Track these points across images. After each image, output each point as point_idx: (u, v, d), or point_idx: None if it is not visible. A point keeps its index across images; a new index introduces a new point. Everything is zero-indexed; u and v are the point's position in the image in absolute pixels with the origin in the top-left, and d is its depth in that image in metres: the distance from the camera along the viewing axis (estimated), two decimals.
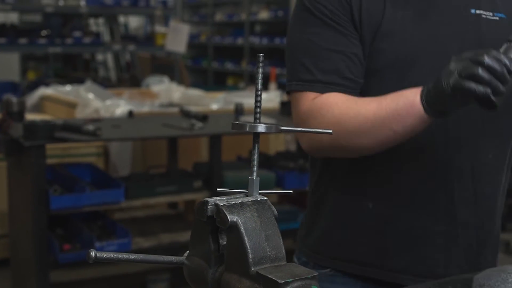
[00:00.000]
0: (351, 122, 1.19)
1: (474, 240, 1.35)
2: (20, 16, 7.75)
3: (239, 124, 1.10)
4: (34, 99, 4.59)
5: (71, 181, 3.17)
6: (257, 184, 1.11)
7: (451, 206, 1.30)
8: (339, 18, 1.23)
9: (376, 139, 1.18)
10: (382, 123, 1.16)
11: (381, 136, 1.17)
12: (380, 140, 1.18)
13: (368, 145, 1.19)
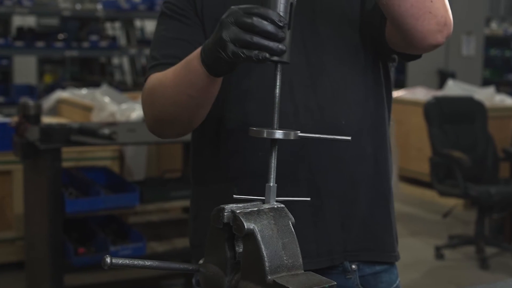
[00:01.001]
0: (158, 92, 1.27)
1: (337, 210, 1.32)
2: (38, 19, 7.80)
3: (256, 130, 1.09)
4: (51, 103, 4.60)
5: (86, 184, 3.17)
6: (274, 191, 1.09)
7: (310, 175, 1.30)
8: (186, 12, 1.35)
9: (178, 106, 1.24)
10: (178, 90, 1.22)
11: (181, 102, 1.23)
12: (182, 106, 1.24)
13: (176, 113, 1.26)
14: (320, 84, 1.31)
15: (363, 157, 1.34)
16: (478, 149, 4.59)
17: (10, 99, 6.08)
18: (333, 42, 1.31)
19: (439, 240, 4.54)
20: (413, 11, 1.17)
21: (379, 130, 1.37)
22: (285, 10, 1.05)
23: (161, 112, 1.28)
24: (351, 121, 1.32)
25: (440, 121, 4.55)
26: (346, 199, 1.33)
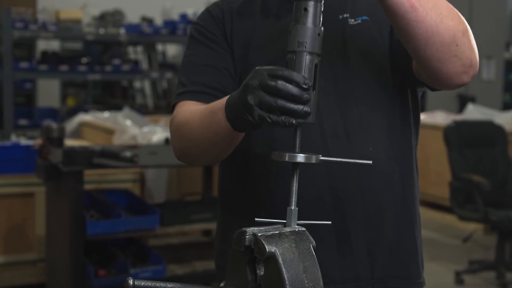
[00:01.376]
0: (185, 131, 1.29)
1: (364, 236, 1.31)
2: (62, 43, 7.93)
3: (278, 153, 1.10)
4: (73, 125, 4.66)
5: (108, 207, 3.20)
6: (295, 215, 1.10)
7: (336, 201, 1.30)
8: (215, 37, 1.37)
9: (204, 148, 1.27)
10: (203, 136, 1.24)
11: (206, 146, 1.26)
12: (208, 149, 1.26)
13: (201, 153, 1.29)
14: (348, 110, 1.32)
15: (390, 184, 1.34)
16: (498, 173, 4.56)
17: (33, 122, 6.17)
18: (361, 68, 1.32)
19: (459, 265, 4.50)
20: (439, 55, 1.18)
21: (406, 157, 1.37)
22: (309, 72, 1.06)
23: (187, 148, 1.31)
24: (378, 148, 1.32)
25: (460, 145, 4.53)
26: (372, 225, 1.33)
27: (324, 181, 1.30)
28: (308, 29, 1.06)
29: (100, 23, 6.14)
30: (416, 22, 1.15)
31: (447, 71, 1.20)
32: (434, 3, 1.16)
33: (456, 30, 1.17)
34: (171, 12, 6.78)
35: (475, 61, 1.21)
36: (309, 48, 1.06)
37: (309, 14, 1.06)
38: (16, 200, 3.63)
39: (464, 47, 1.18)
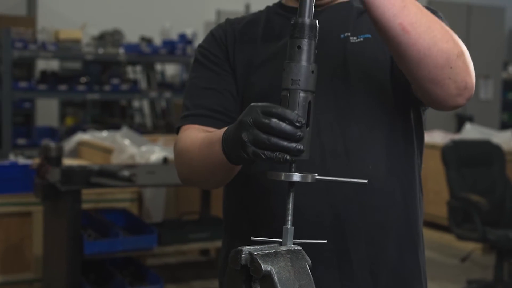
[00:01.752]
0: (186, 159, 1.32)
1: (366, 256, 1.31)
2: (61, 63, 7.96)
3: (274, 173, 1.11)
4: (72, 145, 4.67)
5: (105, 226, 3.20)
6: (291, 233, 1.11)
7: (335, 220, 1.29)
8: (218, 59, 1.40)
9: (204, 176, 1.29)
10: (202, 165, 1.27)
11: (206, 175, 1.28)
12: (207, 177, 1.29)
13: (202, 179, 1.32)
14: (348, 127, 1.32)
15: (392, 203, 1.33)
16: (496, 192, 4.56)
17: (32, 141, 6.18)
18: (362, 86, 1.32)
19: (457, 284, 4.48)
20: (431, 77, 1.17)
21: (408, 175, 1.37)
22: (303, 109, 1.07)
23: (189, 175, 1.34)
24: (378, 166, 1.32)
25: (458, 164, 4.54)
26: (374, 244, 1.32)
27: (324, 199, 1.30)
28: (302, 67, 1.07)
29: (99, 43, 6.17)
30: (408, 45, 1.15)
31: (441, 93, 1.19)
32: (428, 26, 1.15)
33: (450, 53, 1.16)
34: (170, 32, 6.82)
35: (471, 83, 1.20)
36: (303, 86, 1.07)
37: (302, 52, 1.07)
38: (13, 219, 3.63)
39: (459, 70, 1.17)
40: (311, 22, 1.07)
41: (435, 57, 1.15)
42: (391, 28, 1.14)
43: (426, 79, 1.18)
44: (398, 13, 1.13)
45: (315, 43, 1.08)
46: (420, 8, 1.16)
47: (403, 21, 1.13)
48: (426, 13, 1.16)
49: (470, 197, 4.24)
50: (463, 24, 9.11)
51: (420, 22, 1.14)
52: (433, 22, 1.16)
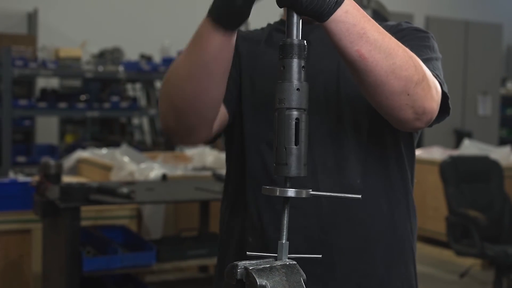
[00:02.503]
0: (172, 75, 1.26)
1: (352, 269, 1.32)
2: (61, 81, 8.00)
3: (269, 188, 1.13)
4: (71, 162, 4.69)
5: (104, 243, 3.21)
6: (286, 248, 1.12)
7: (322, 233, 1.31)
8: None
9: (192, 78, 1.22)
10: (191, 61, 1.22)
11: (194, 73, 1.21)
12: (196, 77, 1.22)
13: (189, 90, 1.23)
14: (339, 142, 1.34)
15: (379, 216, 1.35)
16: (494, 208, 4.57)
17: (31, 159, 6.19)
18: (353, 102, 1.34)
19: None
20: (388, 103, 1.19)
21: (397, 190, 1.38)
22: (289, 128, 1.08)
23: (175, 94, 1.26)
24: (367, 180, 1.34)
25: (456, 180, 4.55)
26: (361, 258, 1.34)
27: (311, 211, 1.32)
28: (286, 85, 1.08)
29: (99, 61, 6.21)
30: (365, 71, 1.15)
31: (398, 117, 1.21)
32: (388, 53, 1.15)
33: (409, 81, 1.16)
34: (169, 50, 6.86)
35: (430, 108, 1.20)
36: (287, 104, 1.08)
37: (286, 71, 1.09)
38: (12, 237, 3.63)
39: (417, 96, 1.18)
40: (298, 42, 1.09)
41: (392, 85, 1.16)
42: (348, 54, 1.15)
43: (384, 104, 1.19)
44: (355, 40, 1.13)
45: (301, 62, 1.09)
46: (383, 34, 1.16)
47: (360, 48, 1.13)
48: (388, 40, 1.16)
49: (468, 213, 4.25)
50: (461, 41, 9.16)
51: (379, 49, 1.14)
52: (394, 49, 1.16)
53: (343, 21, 1.12)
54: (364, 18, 1.15)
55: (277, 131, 1.10)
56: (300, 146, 1.08)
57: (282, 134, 1.09)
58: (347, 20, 1.12)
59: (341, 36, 1.13)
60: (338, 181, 1.32)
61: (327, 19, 1.12)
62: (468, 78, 8.89)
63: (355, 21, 1.13)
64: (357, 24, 1.13)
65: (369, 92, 1.19)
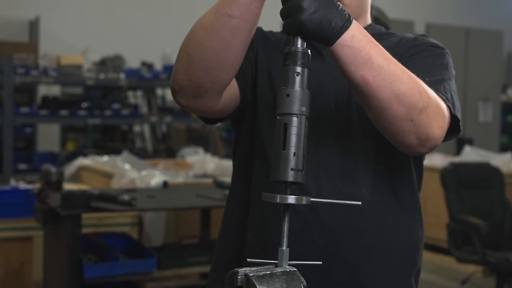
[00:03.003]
0: (195, 29, 1.23)
1: (349, 278, 1.32)
2: (62, 88, 8.02)
3: (269, 195, 1.13)
4: (72, 169, 4.69)
5: (105, 250, 3.21)
6: (286, 255, 1.13)
7: (320, 239, 1.32)
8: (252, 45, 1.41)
9: (215, 31, 1.19)
10: (217, 13, 1.18)
11: (219, 26, 1.18)
12: (220, 31, 1.18)
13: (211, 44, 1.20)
14: (345, 149, 1.34)
15: (383, 227, 1.35)
16: (495, 215, 4.57)
17: (33, 166, 6.19)
18: (362, 111, 1.34)
19: None
20: (392, 128, 1.19)
21: (403, 202, 1.38)
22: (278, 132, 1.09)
23: (193, 44, 1.22)
24: (371, 190, 1.34)
25: (457, 187, 4.55)
26: (361, 267, 1.33)
27: (310, 218, 1.33)
28: (279, 92, 1.11)
29: (100, 68, 6.22)
30: (369, 96, 1.16)
31: (402, 142, 1.22)
32: (392, 79, 1.16)
33: (412, 107, 1.17)
34: (170, 57, 6.88)
35: (434, 134, 1.21)
36: (279, 110, 1.11)
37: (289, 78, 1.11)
38: (14, 244, 3.63)
39: (421, 123, 1.18)
40: (293, 50, 1.11)
41: (396, 110, 1.16)
42: (353, 79, 1.16)
43: (387, 128, 1.20)
44: (360, 65, 1.14)
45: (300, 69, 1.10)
46: (388, 60, 1.17)
47: (365, 73, 1.14)
48: (393, 66, 1.17)
49: (469, 220, 4.25)
50: (461, 48, 9.17)
51: (384, 75, 1.15)
52: (399, 76, 1.16)
53: (349, 45, 1.13)
54: (370, 43, 1.16)
55: (276, 137, 1.11)
56: (288, 150, 1.09)
57: (274, 140, 1.10)
58: (353, 45, 1.13)
59: (346, 61, 1.14)
60: (342, 189, 1.33)
61: (333, 43, 1.13)
62: (469, 85, 8.90)
63: (360, 46, 1.14)
64: (362, 49, 1.14)
65: (373, 116, 1.20)
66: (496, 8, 11.46)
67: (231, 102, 1.36)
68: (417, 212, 1.41)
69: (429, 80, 1.26)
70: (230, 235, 1.46)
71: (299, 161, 1.09)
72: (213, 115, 1.37)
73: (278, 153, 1.08)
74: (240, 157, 1.46)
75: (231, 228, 1.46)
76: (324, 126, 1.32)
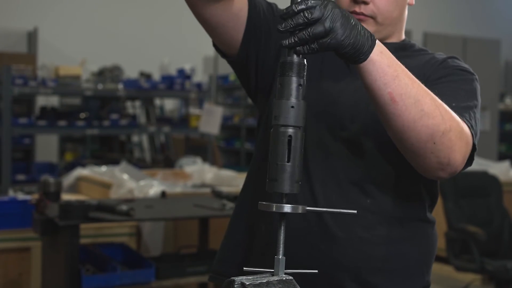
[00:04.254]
0: None
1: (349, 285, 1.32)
2: (61, 99, 8.03)
3: (266, 204, 1.14)
4: (71, 180, 4.69)
5: (104, 261, 3.21)
6: (283, 264, 1.13)
7: (323, 244, 1.33)
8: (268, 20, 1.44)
9: None
10: None
11: None
12: None
13: None
14: (355, 159, 1.35)
15: (387, 239, 1.34)
16: (494, 223, 4.58)
17: (31, 177, 6.20)
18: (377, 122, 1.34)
19: None
20: (414, 149, 1.19)
21: (409, 214, 1.37)
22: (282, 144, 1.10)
23: None
24: (377, 201, 1.34)
25: (455, 196, 4.56)
26: (360, 276, 1.34)
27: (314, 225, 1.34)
28: (281, 103, 1.11)
29: (98, 79, 6.23)
30: (394, 115, 1.16)
31: (422, 164, 1.22)
32: (417, 99, 1.16)
33: (435, 129, 1.17)
34: (168, 68, 6.90)
35: (455, 160, 1.20)
36: (282, 121, 1.10)
37: (282, 89, 1.11)
38: (12, 255, 3.63)
39: (442, 146, 1.18)
40: (296, 61, 1.11)
41: (419, 131, 1.16)
42: (380, 96, 1.16)
43: (409, 150, 1.20)
44: (389, 82, 1.14)
45: (299, 80, 1.11)
46: (412, 80, 1.17)
47: (393, 91, 1.14)
48: (417, 86, 1.17)
49: (467, 228, 4.26)
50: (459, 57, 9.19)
51: (410, 94, 1.15)
52: (423, 96, 1.17)
53: (379, 61, 1.13)
54: (395, 60, 1.16)
55: (271, 148, 1.11)
56: (293, 163, 1.10)
57: (275, 151, 1.10)
58: (383, 61, 1.14)
59: (376, 77, 1.14)
60: (347, 198, 1.33)
61: (366, 59, 1.13)
62: None
63: (389, 62, 1.14)
64: (391, 66, 1.14)
65: (396, 137, 1.20)
66: (493, 17, 11.51)
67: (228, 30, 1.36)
68: (427, 225, 1.40)
69: (455, 105, 1.25)
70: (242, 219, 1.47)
71: (300, 173, 1.10)
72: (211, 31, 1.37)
73: (282, 165, 1.09)
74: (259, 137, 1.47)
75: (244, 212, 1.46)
76: (336, 134, 1.32)
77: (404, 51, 1.43)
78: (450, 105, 1.23)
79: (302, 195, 1.32)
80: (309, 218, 1.33)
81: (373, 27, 1.38)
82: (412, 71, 1.26)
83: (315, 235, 1.34)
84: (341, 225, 1.33)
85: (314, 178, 1.34)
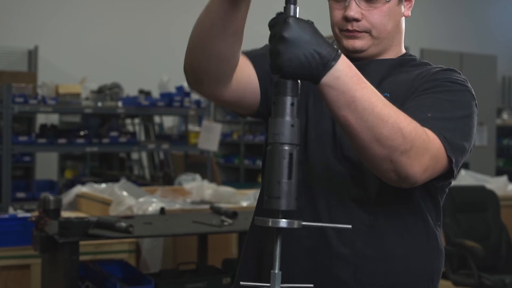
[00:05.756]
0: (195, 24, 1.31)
1: None
2: (61, 117, 8.06)
3: (261, 219, 1.16)
4: (70, 197, 4.71)
5: (103, 278, 3.22)
6: (279, 278, 1.16)
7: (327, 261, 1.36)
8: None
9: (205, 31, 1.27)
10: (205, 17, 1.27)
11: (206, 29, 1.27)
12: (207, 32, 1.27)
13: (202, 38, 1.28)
14: (356, 176, 1.36)
15: (389, 255, 1.35)
16: (491, 238, 4.59)
17: (31, 195, 6.21)
18: None
19: None
20: (373, 166, 1.24)
21: (412, 230, 1.38)
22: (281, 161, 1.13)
23: (191, 37, 1.32)
24: (380, 217, 1.35)
25: (453, 210, 4.57)
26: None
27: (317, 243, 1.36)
28: (281, 121, 1.14)
29: (98, 97, 6.27)
30: (350, 134, 1.20)
31: (384, 178, 1.25)
32: (375, 123, 1.17)
33: (393, 150, 1.18)
34: (167, 85, 6.94)
35: (413, 174, 1.22)
36: (282, 139, 1.13)
37: (279, 107, 1.14)
38: (12, 272, 3.64)
39: (401, 164, 1.20)
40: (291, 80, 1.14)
41: (375, 151, 1.19)
42: (336, 118, 1.20)
43: (370, 166, 1.24)
44: (342, 107, 1.16)
45: (293, 99, 1.14)
46: (373, 104, 1.17)
47: (347, 115, 1.17)
48: (378, 110, 1.17)
49: (465, 243, 4.27)
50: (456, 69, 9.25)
51: (367, 118, 1.16)
52: (383, 120, 1.17)
53: (333, 87, 1.15)
54: (357, 85, 1.16)
55: (270, 165, 1.14)
56: (294, 180, 1.13)
57: (275, 168, 1.13)
58: (337, 87, 1.15)
59: (329, 101, 1.17)
60: (350, 217, 1.35)
61: (318, 83, 1.16)
62: None
63: (345, 88, 1.15)
64: (346, 92, 1.16)
65: (356, 152, 1.25)
66: (490, 33, 11.58)
67: (247, 97, 1.40)
68: (432, 241, 1.40)
69: (431, 116, 1.26)
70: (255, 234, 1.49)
71: (297, 189, 1.14)
72: (232, 106, 1.42)
73: (283, 182, 1.11)
74: None
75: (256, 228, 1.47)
76: (338, 153, 1.35)
77: (402, 66, 1.44)
78: (425, 115, 1.25)
79: (306, 213, 1.34)
80: (312, 235, 1.35)
81: (369, 41, 1.40)
82: (401, 86, 1.28)
83: (319, 251, 1.35)
84: (345, 241, 1.35)
85: (317, 197, 1.37)
